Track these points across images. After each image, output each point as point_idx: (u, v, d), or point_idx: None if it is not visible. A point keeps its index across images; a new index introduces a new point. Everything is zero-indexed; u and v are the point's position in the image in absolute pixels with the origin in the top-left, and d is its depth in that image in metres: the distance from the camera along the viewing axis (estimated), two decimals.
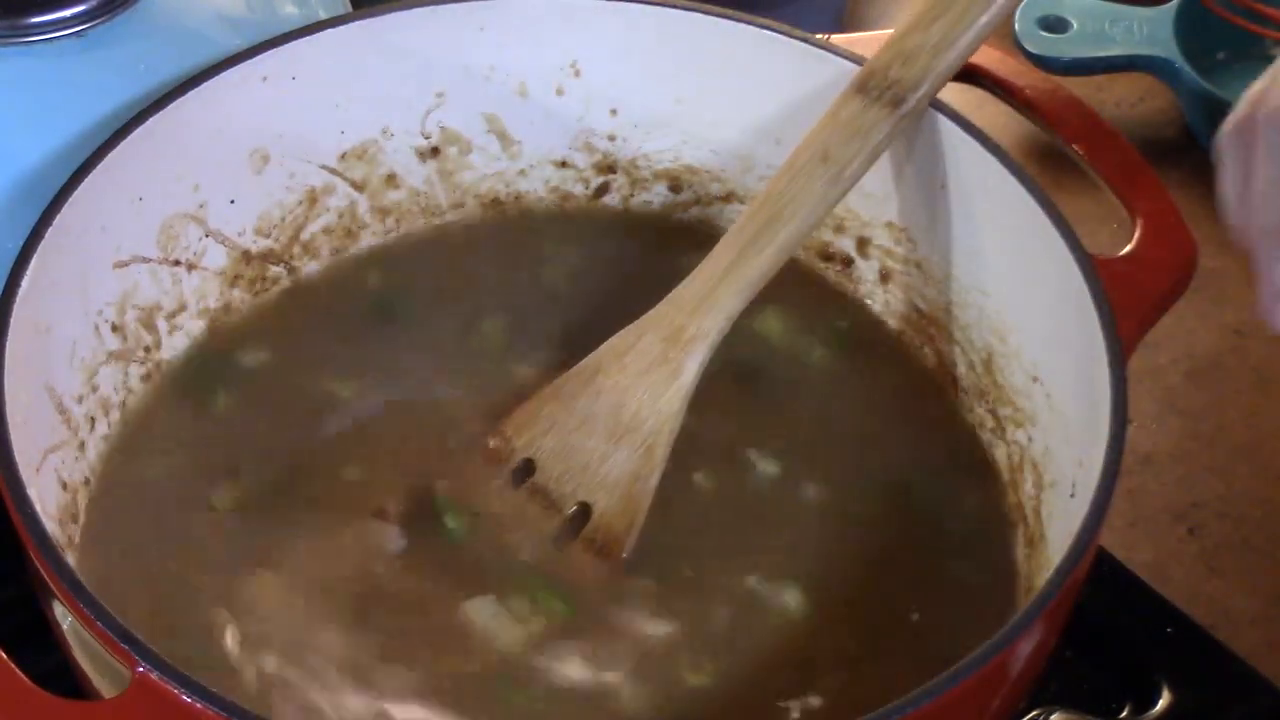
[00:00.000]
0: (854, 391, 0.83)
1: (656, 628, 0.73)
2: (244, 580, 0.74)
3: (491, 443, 0.78)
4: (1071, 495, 0.72)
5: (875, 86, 0.77)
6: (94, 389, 0.78)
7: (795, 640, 0.74)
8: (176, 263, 0.82)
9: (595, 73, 0.87)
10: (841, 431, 0.81)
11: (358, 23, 0.83)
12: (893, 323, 0.86)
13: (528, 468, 0.78)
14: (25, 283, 0.71)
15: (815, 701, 0.72)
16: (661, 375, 0.76)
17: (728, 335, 0.77)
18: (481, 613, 0.73)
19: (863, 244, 0.86)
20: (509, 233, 0.89)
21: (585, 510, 0.76)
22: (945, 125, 0.80)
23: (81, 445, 0.76)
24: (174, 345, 0.82)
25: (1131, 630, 0.81)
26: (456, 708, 0.71)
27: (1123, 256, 0.76)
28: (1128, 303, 0.73)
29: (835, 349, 0.85)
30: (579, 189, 0.90)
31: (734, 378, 0.82)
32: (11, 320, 0.70)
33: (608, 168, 0.89)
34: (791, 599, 0.75)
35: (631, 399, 0.76)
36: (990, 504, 0.79)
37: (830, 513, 0.78)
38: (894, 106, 0.77)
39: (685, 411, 0.76)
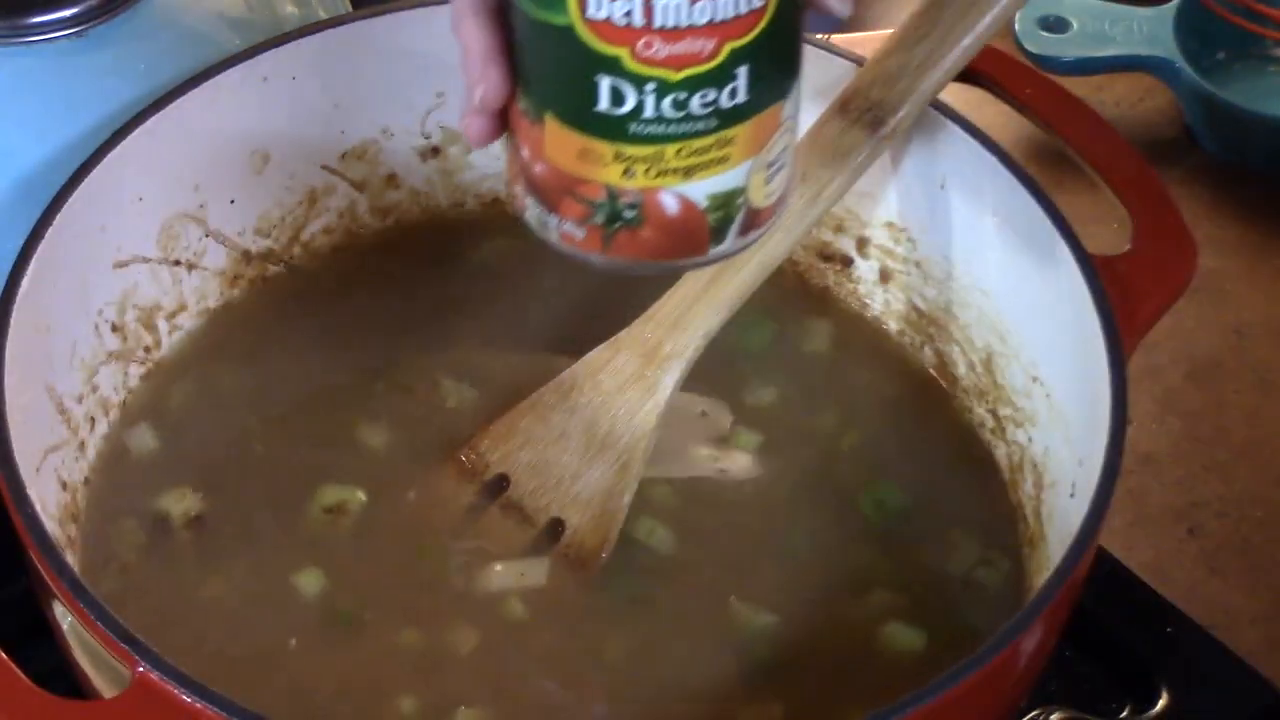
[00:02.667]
0: (853, 392, 0.83)
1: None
2: (241, 578, 0.74)
3: (464, 457, 0.78)
4: (1071, 495, 0.72)
5: (856, 108, 0.77)
6: (94, 389, 0.78)
7: (780, 646, 0.74)
8: (176, 263, 0.82)
9: None
10: (840, 432, 0.81)
11: (358, 23, 0.83)
12: (893, 323, 0.86)
13: (501, 483, 0.78)
14: (25, 283, 0.72)
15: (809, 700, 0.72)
16: (637, 392, 0.76)
17: (724, 336, 0.77)
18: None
19: (862, 244, 0.86)
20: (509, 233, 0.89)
21: (558, 525, 0.76)
22: (945, 125, 0.80)
23: (81, 445, 0.76)
24: (174, 345, 0.82)
25: (1131, 630, 0.81)
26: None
27: (1123, 256, 0.76)
28: (1128, 303, 0.73)
29: (834, 349, 0.85)
30: None
31: (731, 379, 0.82)
32: (11, 320, 0.70)
33: None
34: (782, 600, 0.75)
35: (606, 416, 0.76)
36: (990, 504, 0.79)
37: (828, 512, 0.78)
38: (873, 129, 0.76)
39: (660, 428, 0.76)
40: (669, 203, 0.61)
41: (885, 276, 0.85)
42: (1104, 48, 1.07)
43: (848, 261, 0.86)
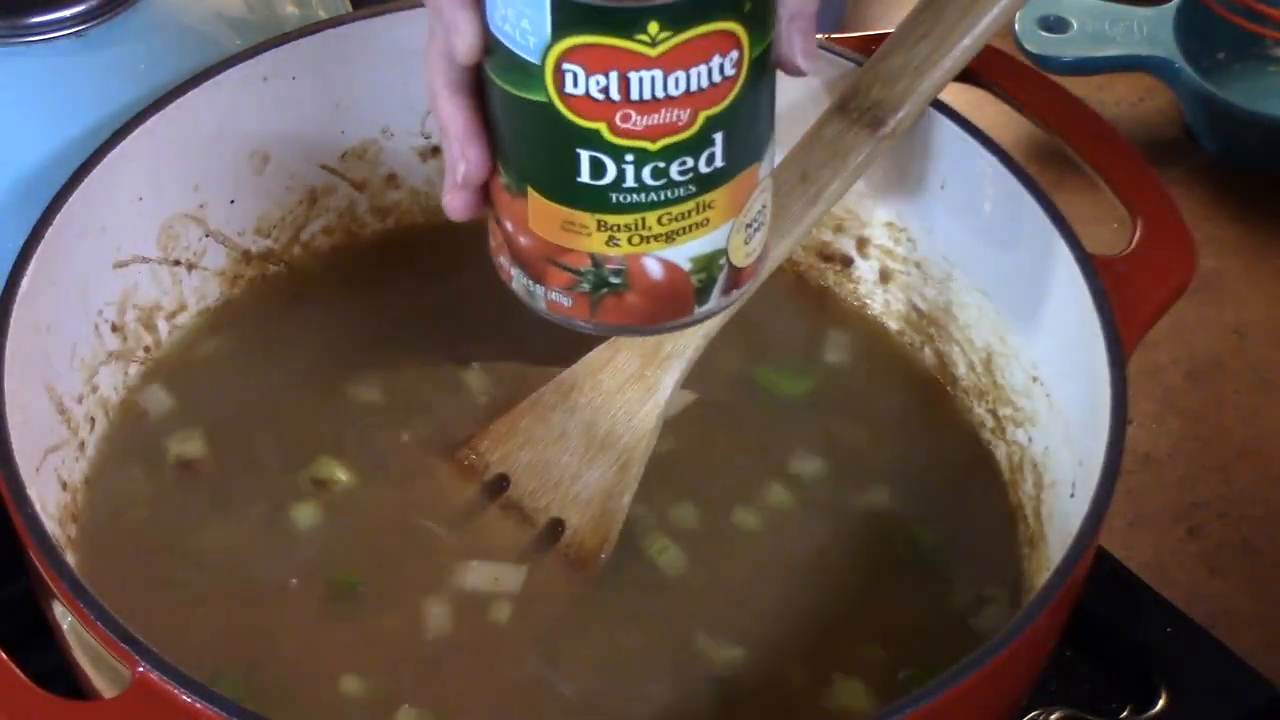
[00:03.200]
0: (853, 392, 0.83)
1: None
2: (240, 578, 0.75)
3: (464, 457, 0.78)
4: (1071, 495, 0.72)
5: (856, 107, 0.77)
6: (94, 389, 0.78)
7: (805, 635, 0.74)
8: (176, 263, 0.82)
9: None
10: (840, 432, 0.81)
11: (358, 23, 0.83)
12: (893, 323, 0.86)
13: (500, 483, 0.77)
14: (25, 283, 0.72)
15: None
16: (637, 392, 0.76)
17: (723, 335, 0.77)
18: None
19: (862, 244, 0.86)
20: None
21: (558, 526, 0.76)
22: (945, 125, 0.80)
23: (81, 445, 0.76)
24: (174, 345, 0.82)
25: (1131, 630, 0.81)
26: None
27: (1123, 256, 0.76)
28: (1128, 303, 0.73)
29: (834, 350, 0.85)
30: None
31: (731, 378, 0.82)
32: (11, 320, 0.70)
33: None
34: (790, 598, 0.75)
35: (606, 416, 0.76)
36: (990, 504, 0.79)
37: (828, 512, 0.78)
38: (873, 129, 0.76)
39: (661, 428, 0.76)
40: (653, 267, 0.62)
41: (885, 276, 0.85)
42: (1104, 48, 1.07)
43: (848, 261, 0.86)
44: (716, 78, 0.59)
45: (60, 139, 0.79)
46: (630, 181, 0.60)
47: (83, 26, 0.80)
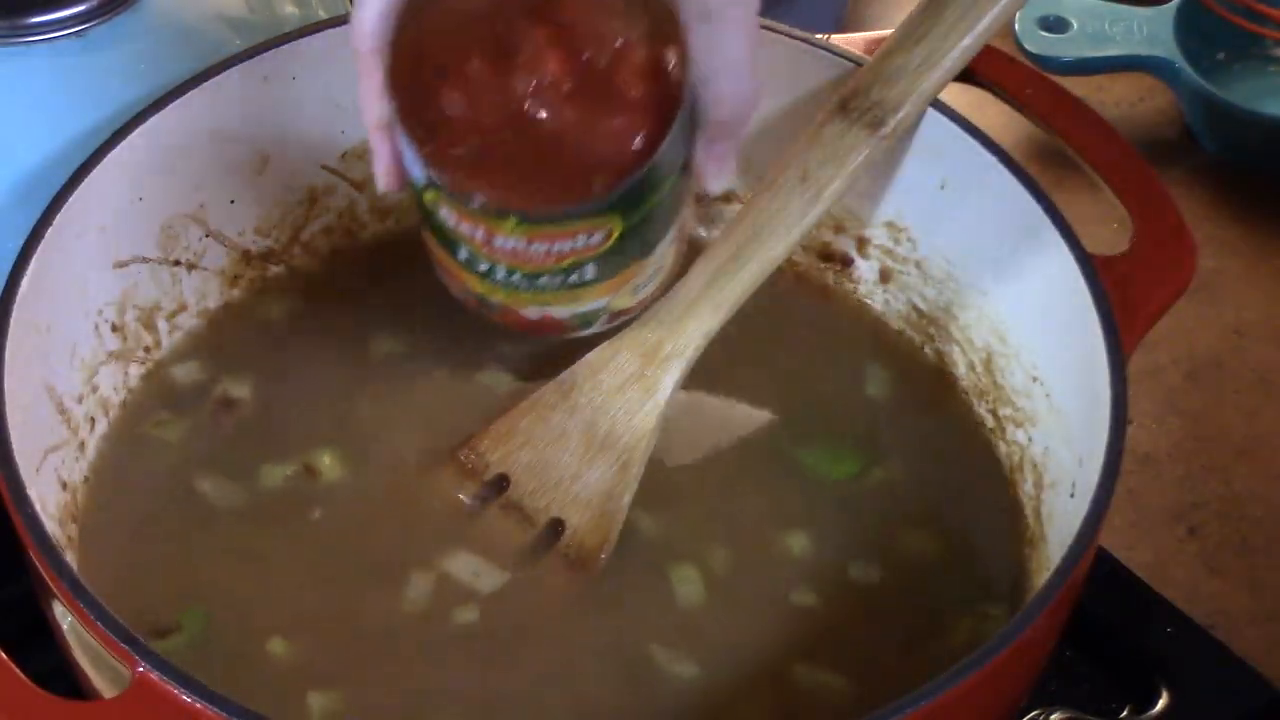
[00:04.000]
0: (853, 392, 0.83)
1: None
2: (241, 579, 0.74)
3: (464, 457, 0.78)
4: (1071, 495, 0.72)
5: (856, 107, 0.77)
6: (94, 389, 0.78)
7: (808, 637, 0.74)
8: (176, 263, 0.82)
9: None
10: (840, 432, 0.81)
11: None
12: (893, 323, 0.86)
13: (500, 483, 0.77)
14: (25, 283, 0.72)
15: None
16: (637, 392, 0.76)
17: (723, 334, 0.77)
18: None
19: (862, 244, 0.86)
20: None
21: (558, 526, 0.76)
22: (945, 125, 0.80)
23: (81, 445, 0.76)
24: (174, 345, 0.82)
25: (1131, 630, 0.81)
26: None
27: (1123, 256, 0.76)
28: (1128, 303, 0.73)
29: (834, 350, 0.85)
30: None
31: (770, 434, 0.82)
32: (11, 320, 0.70)
33: None
34: (799, 598, 0.75)
35: (606, 416, 0.76)
36: (990, 504, 0.79)
37: (828, 511, 0.78)
38: (874, 129, 0.76)
39: (660, 428, 0.76)
40: (531, 314, 0.69)
41: (885, 276, 0.85)
42: (1104, 48, 1.07)
43: (848, 261, 0.86)
44: (582, 246, 0.64)
45: (60, 139, 0.79)
46: (500, 277, 0.67)
47: (83, 26, 0.80)
